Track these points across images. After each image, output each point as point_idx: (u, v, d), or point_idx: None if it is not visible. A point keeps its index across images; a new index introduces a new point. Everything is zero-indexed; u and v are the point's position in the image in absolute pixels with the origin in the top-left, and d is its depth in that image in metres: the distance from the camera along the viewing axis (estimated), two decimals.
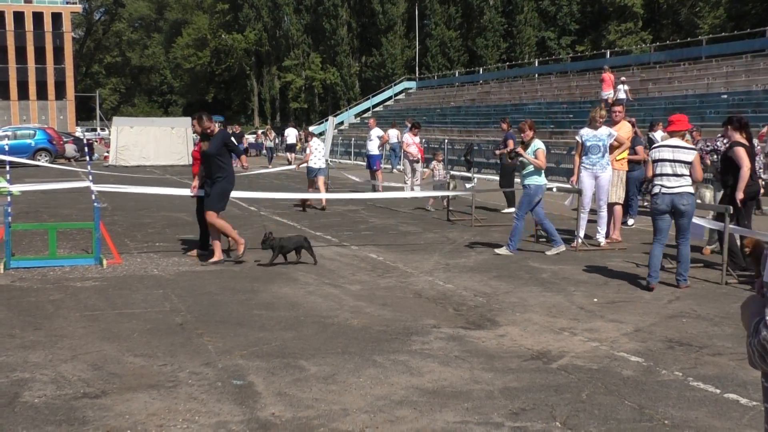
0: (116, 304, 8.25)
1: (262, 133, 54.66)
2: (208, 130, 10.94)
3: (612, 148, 12.25)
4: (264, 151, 46.74)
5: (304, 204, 17.96)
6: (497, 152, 17.65)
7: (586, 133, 12.14)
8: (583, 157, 12.09)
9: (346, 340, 6.83)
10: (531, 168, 11.51)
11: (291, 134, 41.96)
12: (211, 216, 10.69)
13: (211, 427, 4.83)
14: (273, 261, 10.53)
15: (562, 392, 5.48)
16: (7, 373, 5.86)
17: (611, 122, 12.80)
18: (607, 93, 31.30)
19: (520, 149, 11.69)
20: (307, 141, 18.83)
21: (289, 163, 35.91)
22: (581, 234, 12.13)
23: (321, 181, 18.12)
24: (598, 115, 12.12)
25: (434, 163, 19.13)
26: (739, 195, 9.92)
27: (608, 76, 31.96)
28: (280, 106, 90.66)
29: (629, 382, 5.72)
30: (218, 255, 10.86)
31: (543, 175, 11.65)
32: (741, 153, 9.97)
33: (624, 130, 12.72)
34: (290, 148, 41.18)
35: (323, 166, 18.22)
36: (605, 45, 59.61)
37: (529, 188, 11.53)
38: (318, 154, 18.21)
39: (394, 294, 8.81)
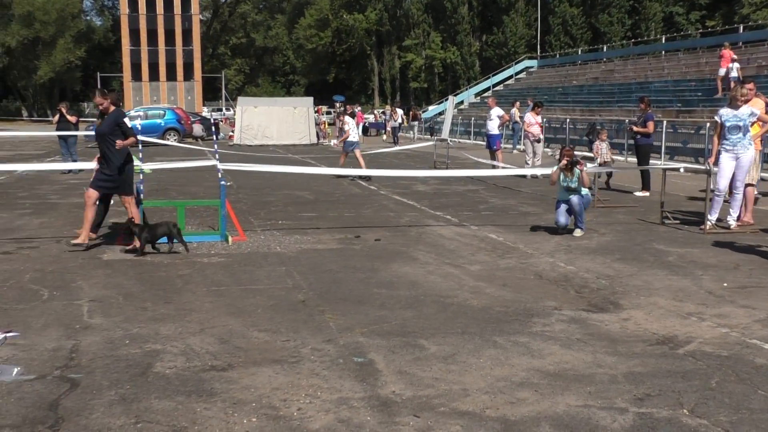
0: (241, 280, 8.46)
1: (382, 113, 55.35)
2: (101, 107, 10.26)
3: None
4: (387, 130, 47.65)
5: (360, 176, 19.55)
6: (635, 128, 17.15)
7: (725, 113, 11.71)
8: (723, 139, 11.67)
9: (466, 321, 6.80)
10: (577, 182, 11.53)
11: (399, 113, 44.56)
12: (129, 201, 10.30)
13: (333, 402, 4.90)
14: (142, 250, 9.80)
15: (690, 379, 5.30)
16: (140, 344, 6.10)
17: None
18: (724, 69, 30.42)
19: (581, 162, 11.66)
20: (340, 119, 21.40)
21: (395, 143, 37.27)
22: (713, 217, 11.73)
23: (358, 153, 20.91)
24: (739, 94, 11.67)
25: (597, 143, 17.78)
26: None
27: (727, 52, 31.02)
28: (400, 86, 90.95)
29: (762, 370, 5.48)
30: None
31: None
32: None
33: (758, 107, 12.20)
34: (400, 126, 43.37)
35: (357, 139, 21.62)
36: (738, 19, 57.13)
37: (588, 196, 11.80)
38: (354, 129, 21.29)
39: (514, 275, 8.72)
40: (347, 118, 21.83)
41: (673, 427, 4.50)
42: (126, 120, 10.36)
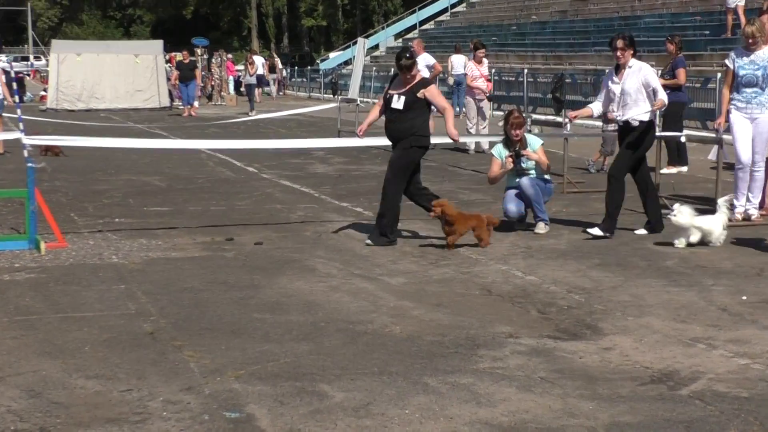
0: (60, 304, 8.31)
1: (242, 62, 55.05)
2: None
3: None
4: (268, 87, 47.43)
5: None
6: (661, 81, 17.17)
7: (738, 56, 11.80)
8: (734, 93, 11.80)
9: (385, 356, 6.82)
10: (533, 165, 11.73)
11: (257, 63, 42.98)
12: None
13: None
14: None
15: (697, 430, 5.42)
16: None
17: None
18: (734, 0, 31.13)
19: (525, 151, 11.69)
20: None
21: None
22: (741, 200, 11.87)
23: None
24: (749, 32, 11.74)
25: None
26: None
27: None
28: (288, 24, 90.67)
29: None
30: None
31: None
32: None
33: None
34: (259, 80, 42.98)
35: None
36: None
37: (552, 182, 12.12)
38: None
39: (453, 290, 8.80)
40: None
41: None
42: None
